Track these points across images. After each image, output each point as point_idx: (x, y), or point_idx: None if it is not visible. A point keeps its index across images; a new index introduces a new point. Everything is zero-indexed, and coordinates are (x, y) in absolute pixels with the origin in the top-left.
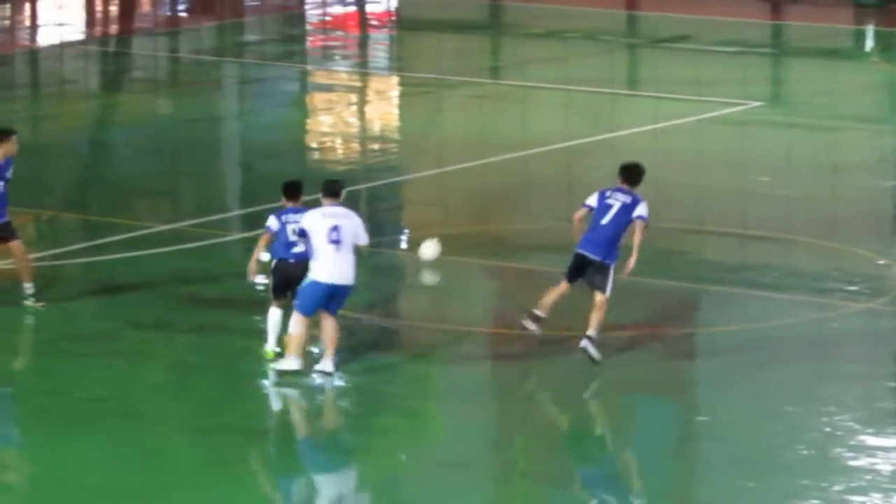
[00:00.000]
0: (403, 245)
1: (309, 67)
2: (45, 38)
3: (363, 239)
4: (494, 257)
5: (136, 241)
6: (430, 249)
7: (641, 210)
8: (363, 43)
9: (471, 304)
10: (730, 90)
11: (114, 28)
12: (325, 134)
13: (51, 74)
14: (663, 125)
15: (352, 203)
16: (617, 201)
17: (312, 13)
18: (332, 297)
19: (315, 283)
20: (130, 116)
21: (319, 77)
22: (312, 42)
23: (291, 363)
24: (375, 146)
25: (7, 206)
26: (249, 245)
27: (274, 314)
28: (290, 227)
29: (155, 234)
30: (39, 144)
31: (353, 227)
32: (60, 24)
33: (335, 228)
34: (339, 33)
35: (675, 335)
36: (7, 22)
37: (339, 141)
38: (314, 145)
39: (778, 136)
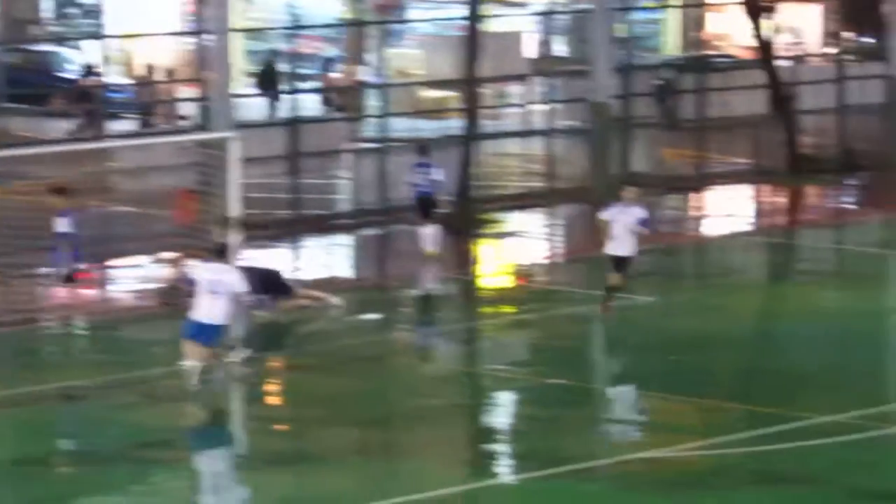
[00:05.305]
0: None
1: None
2: (714, 228)
3: None
4: None
5: (796, 432)
6: None
7: None
8: None
9: None
10: None
11: (779, 220)
12: None
13: (717, 265)
14: None
15: None
16: None
17: None
18: None
19: None
20: (794, 308)
21: None
22: None
23: None
24: None
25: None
26: None
27: None
28: None
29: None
30: (705, 334)
31: None
32: (728, 215)
33: None
34: None
35: None
36: (675, 212)
37: None
38: None
39: None
